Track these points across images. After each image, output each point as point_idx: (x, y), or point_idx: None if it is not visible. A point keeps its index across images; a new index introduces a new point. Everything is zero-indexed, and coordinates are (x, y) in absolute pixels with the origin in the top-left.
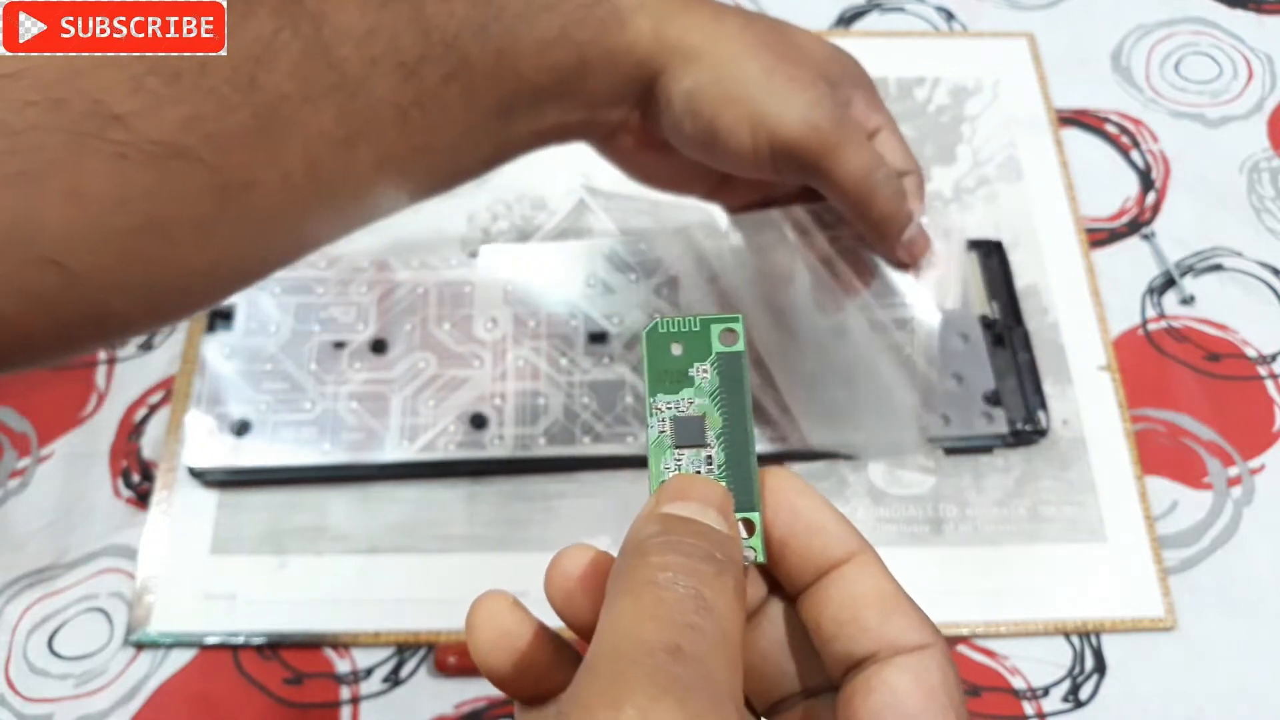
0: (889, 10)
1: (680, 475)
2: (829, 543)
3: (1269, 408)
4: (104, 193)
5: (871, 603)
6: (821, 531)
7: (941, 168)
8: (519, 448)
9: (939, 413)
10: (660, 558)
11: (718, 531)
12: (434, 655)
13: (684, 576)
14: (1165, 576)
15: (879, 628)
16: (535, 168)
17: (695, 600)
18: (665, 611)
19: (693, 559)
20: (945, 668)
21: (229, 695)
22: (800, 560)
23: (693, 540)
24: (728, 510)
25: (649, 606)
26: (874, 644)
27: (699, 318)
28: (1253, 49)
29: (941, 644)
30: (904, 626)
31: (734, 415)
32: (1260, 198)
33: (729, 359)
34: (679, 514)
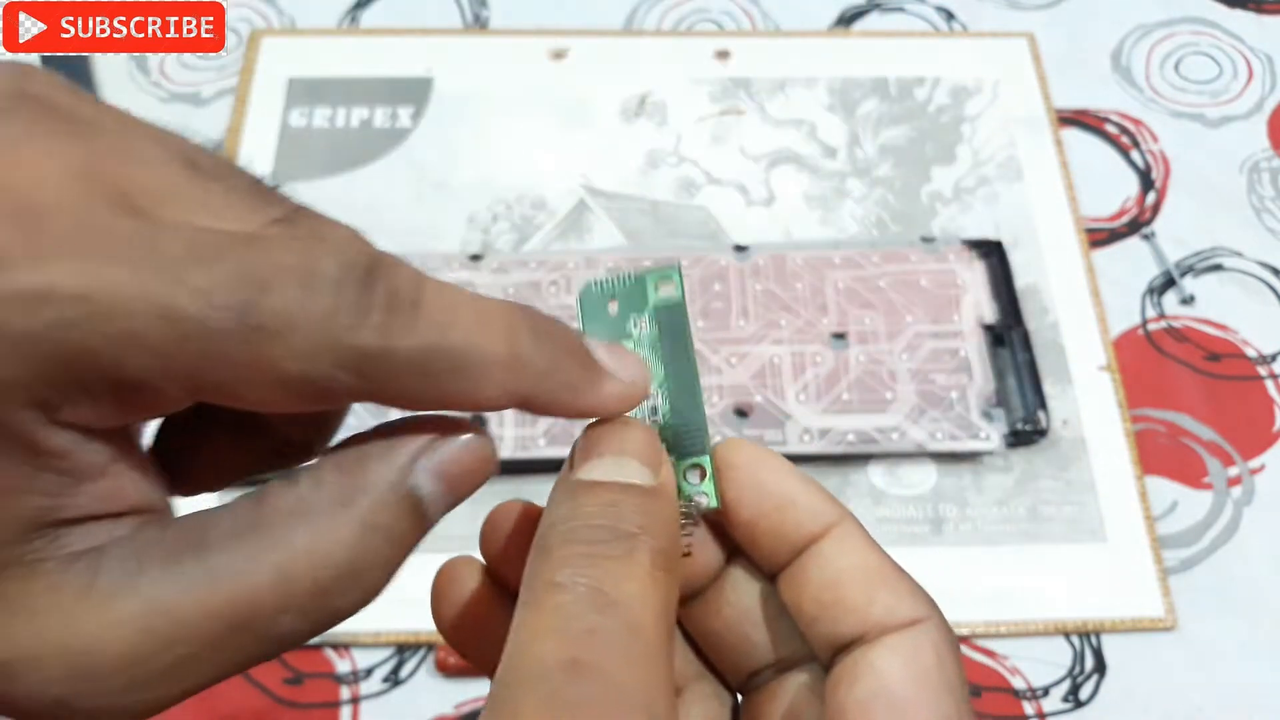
0: (889, 10)
1: (592, 426)
2: (801, 517)
3: (1269, 408)
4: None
5: (855, 579)
6: (792, 505)
7: (941, 168)
8: (519, 448)
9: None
10: (561, 551)
11: (633, 489)
12: (434, 655)
13: (584, 570)
14: (1165, 576)
15: (865, 606)
16: (535, 168)
17: (594, 597)
18: (562, 620)
19: (595, 543)
20: (940, 643)
21: (229, 695)
22: (773, 539)
23: (599, 518)
24: (650, 448)
25: (547, 616)
26: (861, 624)
27: (634, 273)
28: (1253, 49)
29: (936, 617)
30: (892, 602)
31: (676, 363)
32: (1260, 198)
33: (667, 309)
34: (589, 479)
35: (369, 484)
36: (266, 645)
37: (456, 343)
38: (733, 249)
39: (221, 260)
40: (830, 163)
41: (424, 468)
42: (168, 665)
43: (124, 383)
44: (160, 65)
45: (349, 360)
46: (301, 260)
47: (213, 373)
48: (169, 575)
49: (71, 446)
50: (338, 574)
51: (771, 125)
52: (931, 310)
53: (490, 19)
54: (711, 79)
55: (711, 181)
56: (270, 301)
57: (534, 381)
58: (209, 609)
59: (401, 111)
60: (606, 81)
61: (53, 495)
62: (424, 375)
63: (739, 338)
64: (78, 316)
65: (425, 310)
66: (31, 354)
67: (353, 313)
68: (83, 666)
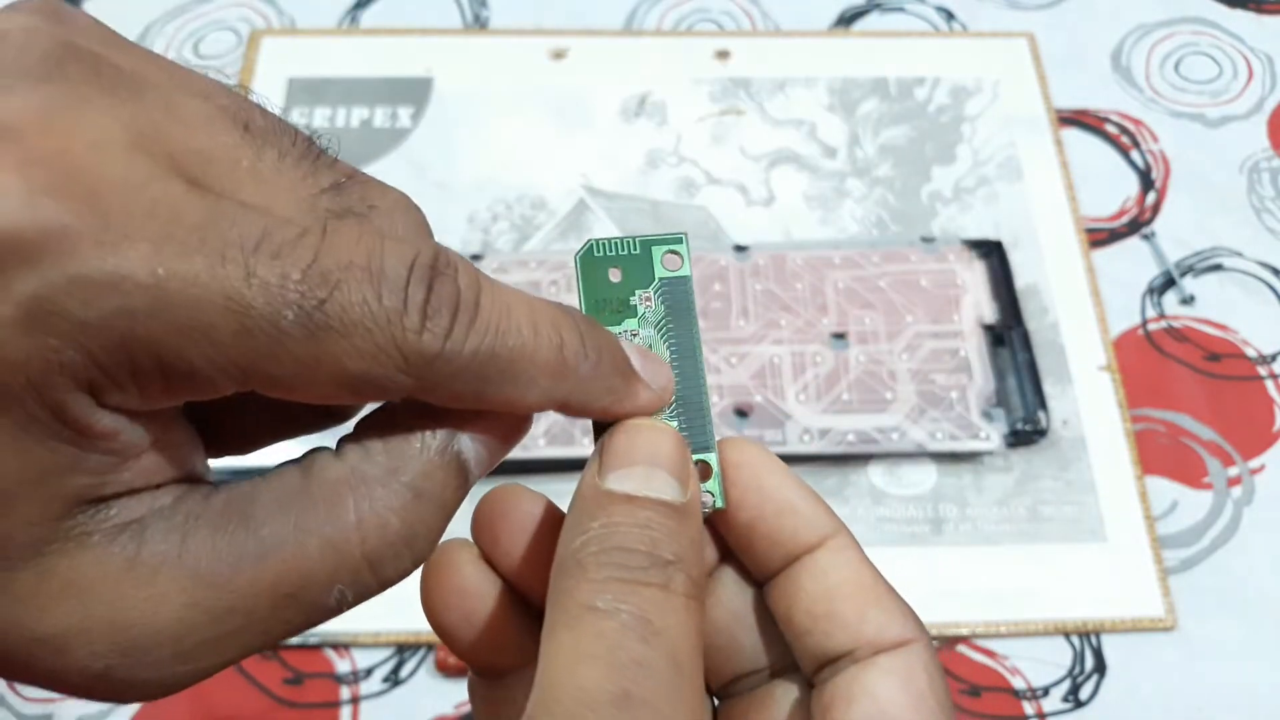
0: (889, 10)
1: (623, 427)
2: (800, 525)
3: (1269, 408)
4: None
5: (848, 594)
6: (791, 512)
7: (941, 168)
8: (519, 448)
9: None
10: (599, 574)
11: (666, 509)
12: (434, 655)
13: (626, 596)
14: (1165, 576)
15: (857, 623)
16: (535, 168)
17: (641, 628)
18: (607, 648)
19: (634, 569)
20: (930, 665)
21: (229, 695)
22: (768, 544)
23: (636, 541)
24: (681, 462)
25: (589, 642)
26: (851, 640)
27: (638, 239)
28: (1253, 49)
29: (925, 638)
30: (884, 621)
31: (683, 348)
32: (1260, 198)
33: (674, 285)
34: (622, 491)
35: (417, 450)
36: (314, 615)
37: (512, 347)
38: (733, 249)
39: (293, 254)
40: (830, 163)
41: (467, 430)
42: (214, 637)
43: (178, 370)
44: None
45: (409, 362)
46: (368, 258)
47: (273, 368)
48: (215, 548)
49: (117, 427)
50: (390, 543)
51: (771, 125)
52: (931, 310)
53: (490, 19)
54: (711, 79)
55: (711, 181)
56: (338, 300)
57: (576, 388)
58: (258, 582)
59: (401, 111)
60: (606, 81)
61: (98, 474)
62: (477, 378)
63: (739, 338)
64: (145, 306)
65: (484, 314)
66: (90, 340)
67: (418, 316)
68: (130, 640)
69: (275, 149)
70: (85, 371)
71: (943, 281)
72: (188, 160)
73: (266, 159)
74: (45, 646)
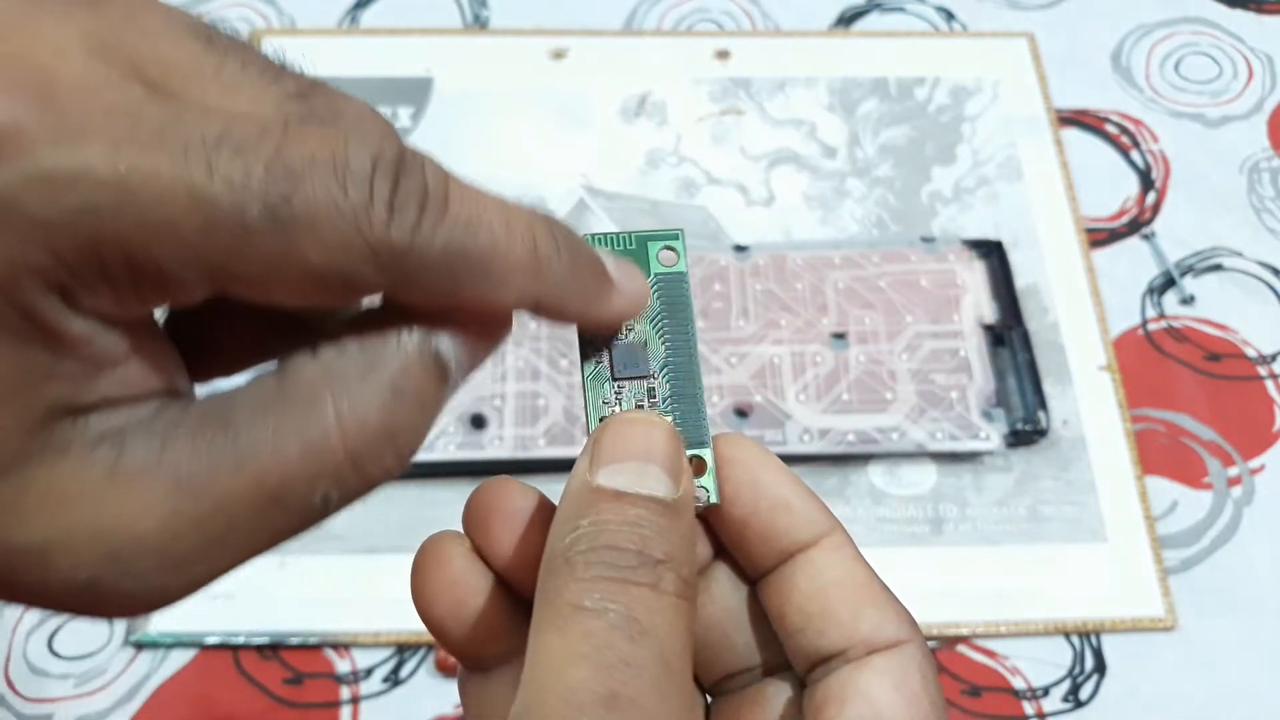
0: (889, 10)
1: (616, 421)
2: (795, 522)
3: (1269, 408)
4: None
5: (842, 593)
6: (786, 509)
7: (941, 168)
8: (519, 448)
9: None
10: (587, 573)
11: (657, 506)
12: (434, 655)
13: (615, 595)
14: (1165, 576)
15: (851, 622)
16: (535, 167)
17: (629, 627)
18: (595, 648)
19: (624, 570)
20: (924, 666)
21: (229, 695)
22: (762, 541)
23: (626, 540)
24: (674, 457)
25: (576, 642)
26: (845, 639)
27: (634, 234)
28: (1253, 49)
29: (919, 639)
30: (879, 621)
31: (677, 342)
32: (1260, 198)
33: (670, 280)
34: (612, 487)
35: (394, 348)
36: (298, 518)
37: (484, 243)
38: (733, 249)
39: (256, 149)
40: (830, 163)
41: (445, 330)
42: (199, 545)
43: (147, 271)
44: None
45: (378, 256)
46: (334, 152)
47: (240, 265)
48: (195, 454)
49: (91, 334)
50: (371, 439)
51: (771, 125)
52: (931, 310)
53: (490, 19)
54: (711, 79)
55: (711, 181)
56: (303, 194)
57: (550, 287)
58: (239, 487)
59: (401, 111)
60: (606, 81)
61: (74, 381)
62: (448, 274)
63: (739, 338)
64: (108, 202)
65: (454, 208)
66: (53, 238)
67: (384, 208)
68: (113, 548)
69: (238, 59)
70: (54, 273)
71: (943, 281)
72: (148, 67)
73: (229, 67)
74: (27, 559)
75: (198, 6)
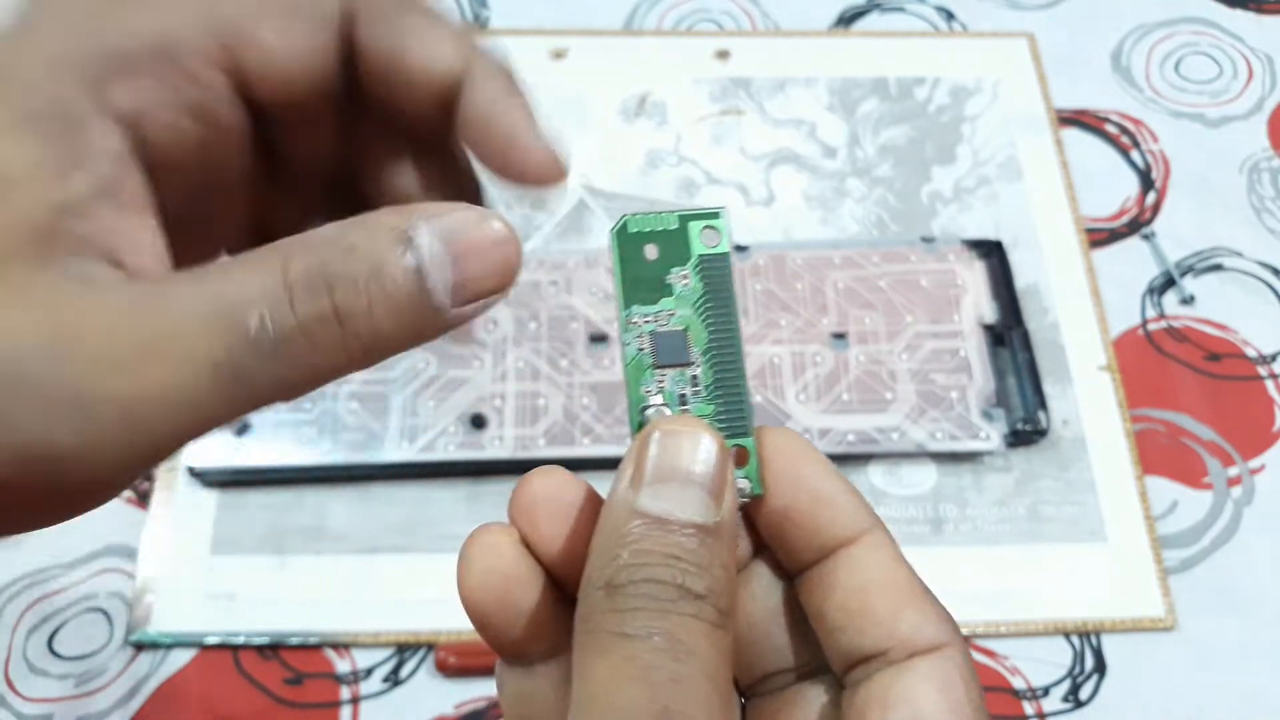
0: (889, 10)
1: (661, 433)
2: (837, 518)
3: (1269, 408)
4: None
5: (884, 592)
6: (829, 504)
7: (941, 168)
8: (519, 448)
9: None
10: (627, 604)
11: (699, 531)
12: (434, 655)
13: (657, 620)
14: (1165, 576)
15: (891, 622)
16: None
17: (673, 647)
18: (642, 668)
19: (664, 599)
20: (966, 672)
21: (229, 695)
22: (803, 536)
23: (666, 575)
24: (719, 476)
25: (622, 665)
26: (886, 640)
27: (676, 213)
28: (1253, 49)
29: (960, 643)
30: (920, 622)
31: (720, 327)
32: (1260, 198)
33: (712, 262)
34: (655, 513)
35: (369, 221)
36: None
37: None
38: (733, 249)
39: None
40: (830, 163)
41: (425, 222)
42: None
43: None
44: None
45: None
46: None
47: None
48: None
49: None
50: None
51: (771, 125)
52: (931, 310)
53: (490, 19)
54: (711, 79)
55: (711, 181)
56: None
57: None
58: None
59: None
60: (606, 81)
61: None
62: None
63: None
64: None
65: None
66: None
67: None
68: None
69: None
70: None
71: (943, 281)
72: None
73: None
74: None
75: None
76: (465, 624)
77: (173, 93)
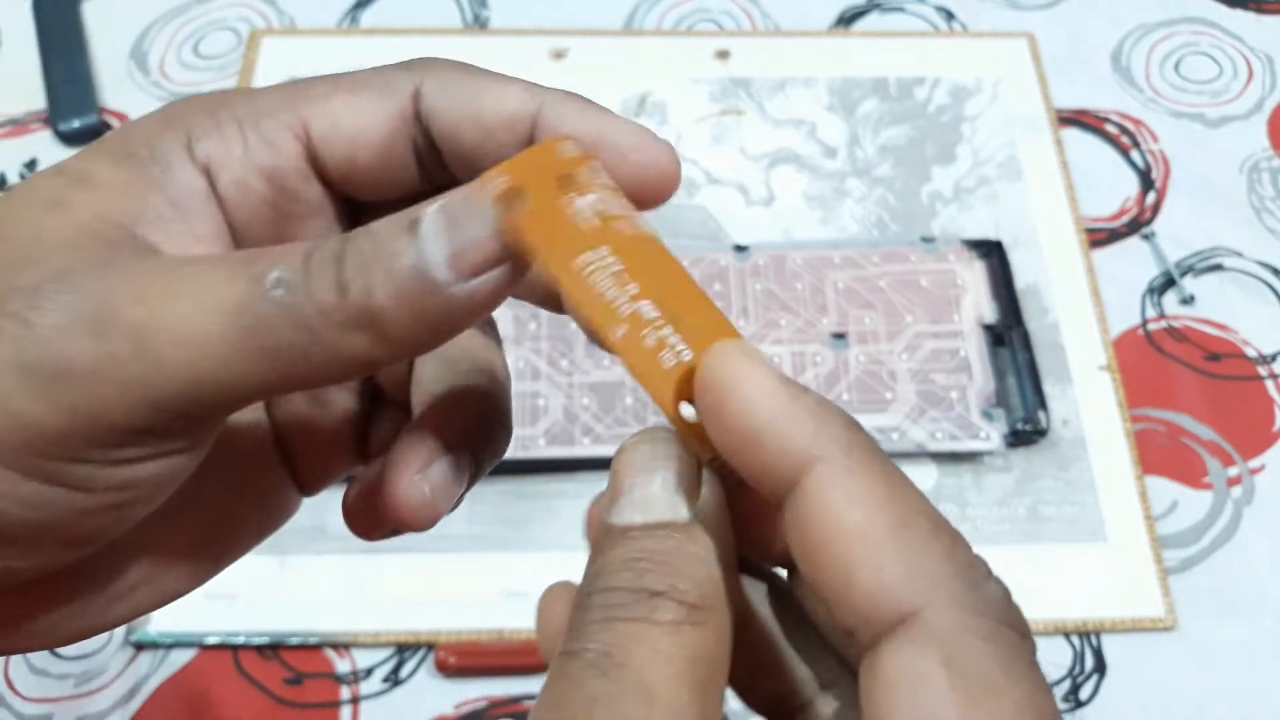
0: (889, 10)
1: (622, 450)
2: (768, 459)
3: (1269, 408)
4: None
5: (834, 552)
6: (757, 444)
7: (941, 168)
8: (519, 448)
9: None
10: (584, 617)
11: (662, 533)
12: (434, 655)
13: (595, 635)
14: (1165, 576)
15: (847, 595)
16: None
17: (601, 662)
18: (566, 689)
19: (614, 609)
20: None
21: (229, 695)
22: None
23: (622, 579)
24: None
25: (555, 685)
26: (848, 617)
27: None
28: (1253, 49)
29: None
30: (875, 588)
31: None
32: (1260, 198)
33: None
34: (621, 524)
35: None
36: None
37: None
38: (733, 249)
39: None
40: (830, 163)
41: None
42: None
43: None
44: (160, 65)
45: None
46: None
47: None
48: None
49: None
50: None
51: (771, 125)
52: (931, 310)
53: (490, 19)
54: (711, 79)
55: (711, 181)
56: None
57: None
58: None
59: None
60: (606, 81)
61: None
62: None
63: None
64: None
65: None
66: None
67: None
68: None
69: None
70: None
71: (943, 281)
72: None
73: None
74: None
75: (198, 6)
76: (465, 624)
77: (246, 150)
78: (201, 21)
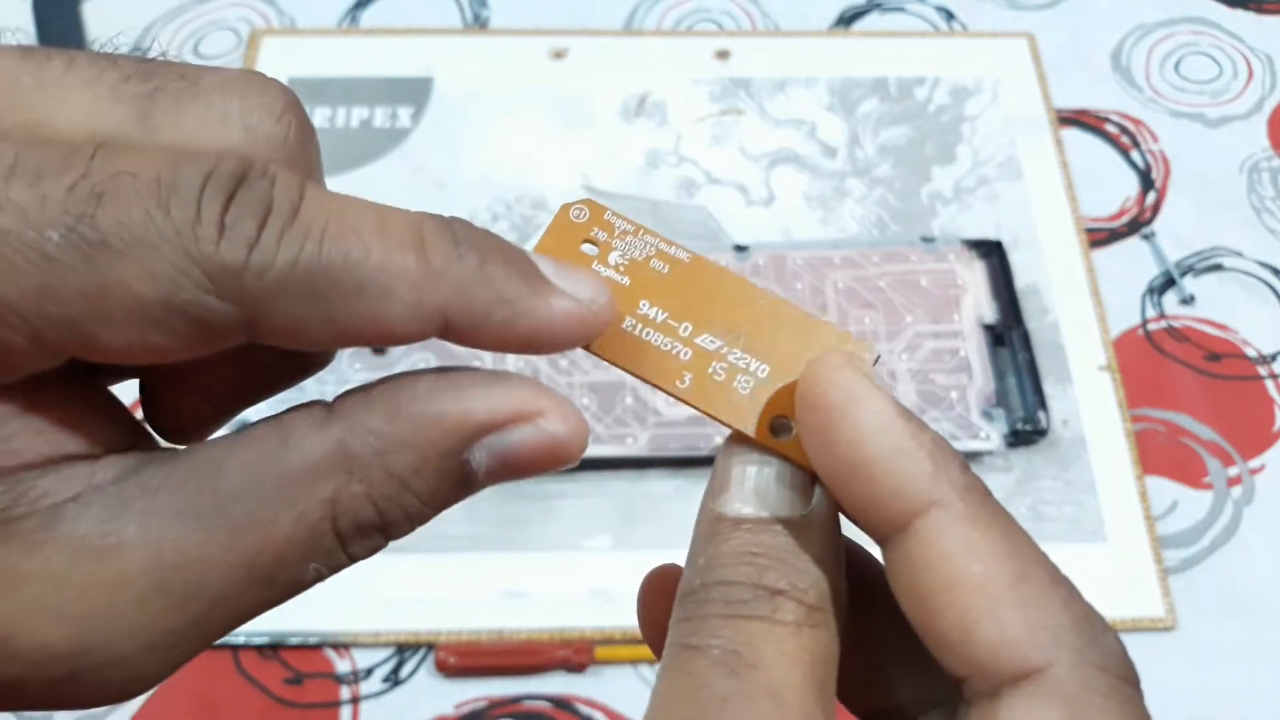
0: (889, 10)
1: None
2: (879, 495)
3: (1269, 408)
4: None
5: (951, 598)
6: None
7: (941, 168)
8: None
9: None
10: (700, 610)
11: (777, 529)
12: (434, 655)
13: (720, 630)
14: (1165, 576)
15: (963, 643)
16: (535, 168)
17: (729, 662)
18: (694, 687)
19: (735, 605)
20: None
21: (229, 695)
22: (857, 518)
23: (740, 572)
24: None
25: (679, 681)
26: (961, 666)
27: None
28: (1253, 49)
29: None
30: (997, 641)
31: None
32: (1260, 198)
33: None
34: (732, 515)
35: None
36: (290, 591)
37: (348, 253)
38: (733, 249)
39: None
40: (830, 163)
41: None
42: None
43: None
44: None
45: (215, 280)
46: (157, 169)
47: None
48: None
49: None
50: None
51: (771, 125)
52: (931, 310)
53: (490, 19)
54: (711, 79)
55: (711, 181)
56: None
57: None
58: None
59: (401, 111)
60: (606, 81)
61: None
62: (311, 296)
63: None
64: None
65: (303, 218)
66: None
67: (213, 225)
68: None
69: (62, 61)
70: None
71: (943, 281)
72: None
73: (51, 72)
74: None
75: (198, 6)
76: (465, 624)
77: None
78: (201, 21)
